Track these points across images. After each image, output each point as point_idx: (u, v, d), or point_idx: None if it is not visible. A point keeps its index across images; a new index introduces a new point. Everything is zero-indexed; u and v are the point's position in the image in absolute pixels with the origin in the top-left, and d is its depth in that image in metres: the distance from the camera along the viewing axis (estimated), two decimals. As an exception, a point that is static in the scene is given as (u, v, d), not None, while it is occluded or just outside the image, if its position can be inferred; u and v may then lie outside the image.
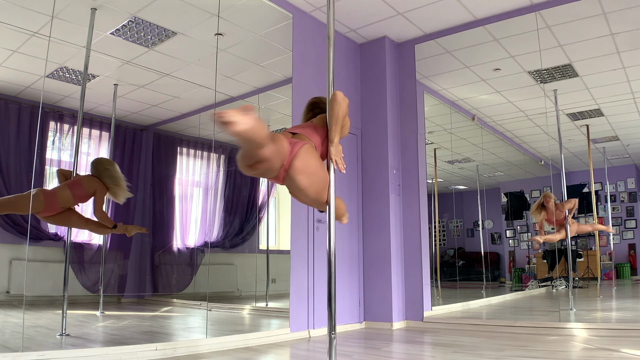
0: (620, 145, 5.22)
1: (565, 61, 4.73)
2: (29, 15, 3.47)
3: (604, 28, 4.37)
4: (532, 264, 5.79)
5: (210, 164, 5.21)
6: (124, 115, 4.45)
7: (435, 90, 5.63)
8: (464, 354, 3.40)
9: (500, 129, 5.71)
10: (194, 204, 5.14)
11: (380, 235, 5.08)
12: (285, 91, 4.78)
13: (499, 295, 5.93)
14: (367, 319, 5.08)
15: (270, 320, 4.93)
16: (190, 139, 5.02)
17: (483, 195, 6.20)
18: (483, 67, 5.21)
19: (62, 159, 3.97)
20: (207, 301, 4.19)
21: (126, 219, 4.43)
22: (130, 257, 4.48)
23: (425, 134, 5.41)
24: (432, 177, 5.96)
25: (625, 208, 5.22)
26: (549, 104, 4.91)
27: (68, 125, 3.98)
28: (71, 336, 3.41)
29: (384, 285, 5.01)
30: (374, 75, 5.42)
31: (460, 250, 6.46)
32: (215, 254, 5.12)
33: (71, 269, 3.63)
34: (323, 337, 4.39)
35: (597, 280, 5.11)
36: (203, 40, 4.39)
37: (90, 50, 3.76)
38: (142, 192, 4.61)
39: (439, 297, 5.63)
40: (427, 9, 4.74)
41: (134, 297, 4.50)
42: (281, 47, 4.73)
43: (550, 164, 5.26)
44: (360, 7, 4.74)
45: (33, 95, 3.65)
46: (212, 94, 4.24)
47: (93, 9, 3.71)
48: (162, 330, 4.20)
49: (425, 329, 4.81)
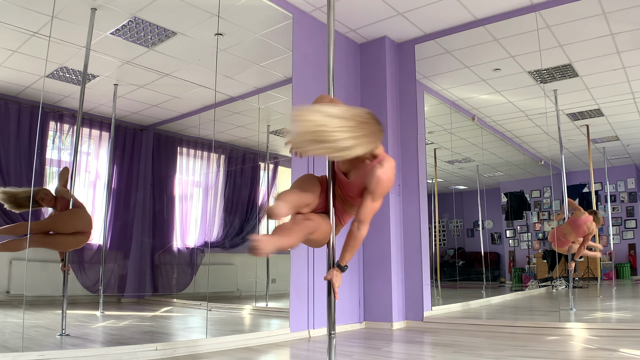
0: (620, 145, 5.22)
1: (565, 61, 4.73)
2: (29, 15, 3.47)
3: (604, 28, 4.37)
4: (532, 264, 5.79)
5: (210, 164, 5.21)
6: (124, 115, 4.45)
7: (435, 90, 5.63)
8: (464, 354, 3.40)
9: (500, 129, 5.71)
10: (194, 204, 5.14)
11: (380, 235, 5.08)
12: (285, 91, 4.78)
13: (499, 295, 5.93)
14: (367, 319, 5.08)
15: (270, 320, 4.93)
16: (190, 139, 5.02)
17: (483, 195, 6.20)
18: (483, 67, 5.21)
19: (62, 159, 3.97)
20: (207, 301, 4.19)
21: (126, 219, 4.43)
22: (130, 257, 4.48)
23: (425, 134, 5.41)
24: (432, 177, 5.96)
25: (625, 208, 5.22)
26: (549, 104, 4.92)
27: (68, 125, 3.98)
28: (71, 336, 3.41)
29: (384, 285, 5.01)
30: (374, 75, 5.42)
31: (460, 250, 6.47)
32: (215, 254, 5.12)
33: (71, 268, 3.62)
34: (323, 337, 4.39)
35: (597, 280, 5.11)
36: (203, 40, 4.39)
37: (90, 50, 3.76)
38: (142, 192, 4.61)
39: (439, 297, 5.63)
40: (427, 9, 4.74)
41: (134, 297, 4.50)
42: (281, 47, 4.73)
43: (550, 164, 5.26)
44: (360, 7, 4.74)
45: (33, 95, 3.65)
46: (212, 94, 4.24)
47: (93, 9, 3.71)
48: (162, 330, 4.20)
49: (425, 329, 4.81)
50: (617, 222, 5.20)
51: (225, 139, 5.17)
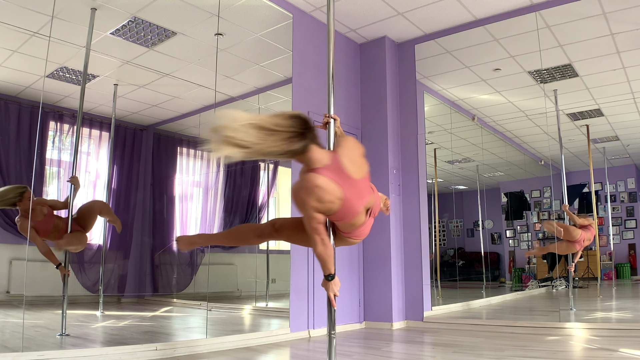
0: (620, 145, 5.22)
1: (565, 61, 4.73)
2: (29, 15, 3.47)
3: (604, 28, 4.37)
4: (532, 264, 5.80)
5: (210, 164, 5.21)
6: (124, 115, 4.45)
7: (435, 90, 5.63)
8: (464, 354, 3.40)
9: (500, 129, 5.71)
10: (194, 204, 5.14)
11: (380, 235, 5.08)
12: (285, 91, 4.78)
13: (499, 295, 5.93)
14: (367, 319, 5.08)
15: (270, 320, 4.93)
16: (190, 139, 5.03)
17: (483, 195, 6.20)
18: (483, 67, 5.21)
19: (62, 159, 3.97)
20: (207, 301, 4.19)
21: (126, 219, 4.43)
22: (130, 257, 4.48)
23: (425, 134, 5.41)
24: (432, 177, 5.96)
25: (625, 208, 5.22)
26: (549, 104, 4.92)
27: (68, 125, 3.99)
28: (71, 336, 3.41)
29: (384, 285, 5.01)
30: (374, 75, 5.42)
31: (460, 250, 6.47)
32: (215, 254, 5.12)
33: (71, 268, 3.63)
34: (323, 337, 4.39)
35: (597, 280, 5.11)
36: (203, 40, 4.39)
37: (90, 50, 3.76)
38: (142, 192, 4.61)
39: (439, 297, 5.63)
40: (427, 9, 4.74)
41: (134, 297, 4.50)
42: (281, 47, 4.73)
43: (550, 164, 5.26)
44: (360, 7, 4.74)
45: (33, 95, 3.65)
46: (212, 94, 4.24)
47: (93, 9, 3.71)
48: (162, 330, 4.21)
49: (425, 329, 4.81)
50: (617, 222, 5.20)
51: (225, 139, 5.16)
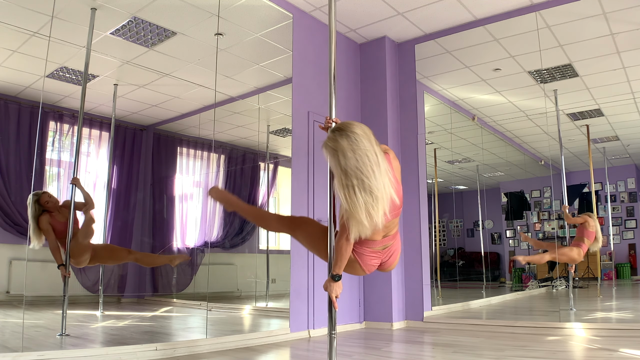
0: (620, 145, 5.22)
1: (565, 61, 4.73)
2: (29, 15, 3.47)
3: (604, 28, 4.37)
4: (532, 264, 5.79)
5: (210, 164, 5.21)
6: (124, 115, 4.45)
7: (435, 90, 5.63)
8: (464, 354, 3.40)
9: (500, 129, 5.71)
10: (193, 204, 5.13)
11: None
12: (285, 91, 4.78)
13: (499, 295, 5.93)
14: (367, 319, 5.08)
15: (270, 320, 4.93)
16: (190, 139, 5.02)
17: (483, 195, 6.20)
18: (483, 67, 5.21)
19: (62, 159, 3.97)
20: (207, 301, 4.19)
21: (126, 219, 4.43)
22: (130, 257, 4.47)
23: (425, 134, 5.41)
24: (432, 177, 5.96)
25: (625, 208, 5.22)
26: (549, 104, 4.92)
27: (68, 126, 3.98)
28: (71, 336, 3.41)
29: (384, 285, 5.01)
30: (374, 75, 5.42)
31: (460, 250, 6.47)
32: (215, 254, 5.12)
33: (71, 268, 3.62)
34: (323, 337, 4.39)
35: (597, 280, 5.11)
36: (203, 40, 4.39)
37: (90, 50, 3.76)
38: (142, 192, 4.61)
39: (439, 297, 5.64)
40: (427, 9, 4.74)
41: (134, 297, 4.50)
42: (281, 47, 4.73)
43: (550, 164, 5.26)
44: (360, 7, 4.74)
45: (33, 95, 3.64)
46: (212, 94, 4.24)
47: (93, 9, 3.71)
48: (162, 330, 4.21)
49: (425, 329, 4.81)
50: (617, 222, 5.20)
51: (225, 139, 5.17)
